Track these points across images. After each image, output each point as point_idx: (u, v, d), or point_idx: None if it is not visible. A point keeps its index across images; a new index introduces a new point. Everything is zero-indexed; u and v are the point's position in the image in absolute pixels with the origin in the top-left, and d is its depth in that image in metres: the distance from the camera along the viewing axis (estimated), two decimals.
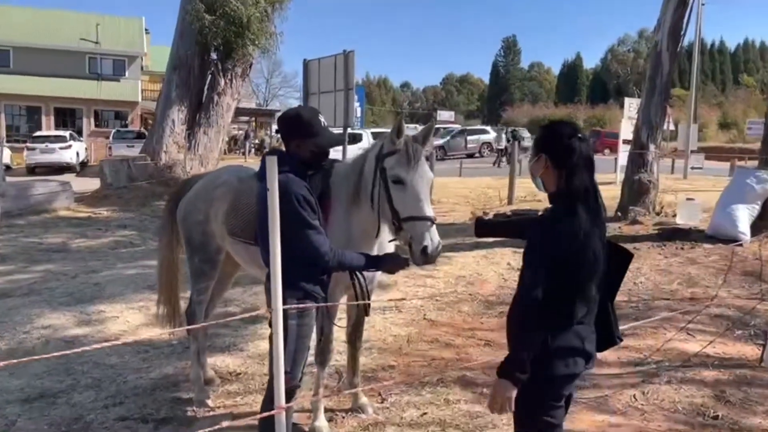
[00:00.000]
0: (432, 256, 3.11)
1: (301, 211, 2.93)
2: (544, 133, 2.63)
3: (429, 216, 3.13)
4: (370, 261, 3.25)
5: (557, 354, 2.45)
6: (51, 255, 9.23)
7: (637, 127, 11.77)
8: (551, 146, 2.54)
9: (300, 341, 3.07)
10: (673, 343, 5.39)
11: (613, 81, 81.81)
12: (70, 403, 4.37)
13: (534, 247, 2.43)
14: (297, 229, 2.95)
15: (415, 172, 3.18)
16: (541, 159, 2.54)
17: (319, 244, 2.99)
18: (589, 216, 2.40)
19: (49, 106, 35.07)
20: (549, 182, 2.55)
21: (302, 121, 3.06)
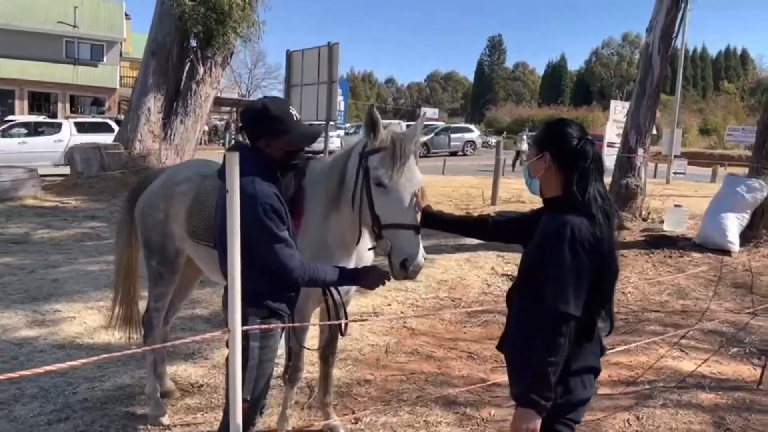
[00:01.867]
0: (413, 272, 2.75)
1: (267, 222, 2.53)
2: (551, 130, 2.38)
3: (413, 224, 2.76)
4: (346, 275, 2.87)
5: (577, 376, 2.25)
6: (10, 247, 8.71)
7: (625, 130, 11.50)
8: (558, 146, 2.31)
9: (262, 366, 2.68)
10: (667, 361, 5.11)
11: (597, 84, 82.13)
12: (10, 417, 3.94)
13: (556, 255, 2.14)
14: (263, 241, 2.55)
15: (401, 175, 2.79)
16: (544, 158, 2.32)
17: (288, 258, 2.60)
18: (608, 224, 2.23)
19: (24, 89, 34.02)
20: (550, 185, 2.33)
21: (270, 115, 2.61)
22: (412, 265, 2.72)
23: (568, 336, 2.13)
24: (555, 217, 2.22)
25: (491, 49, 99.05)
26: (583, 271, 2.13)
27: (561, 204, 2.26)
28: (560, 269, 2.12)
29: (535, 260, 2.23)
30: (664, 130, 25.11)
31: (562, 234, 2.15)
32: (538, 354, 2.15)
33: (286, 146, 2.66)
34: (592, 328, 2.30)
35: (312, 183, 3.33)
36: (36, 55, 33.78)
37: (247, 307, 2.63)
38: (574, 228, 2.15)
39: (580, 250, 2.12)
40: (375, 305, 6.50)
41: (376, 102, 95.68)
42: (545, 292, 2.14)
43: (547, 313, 2.12)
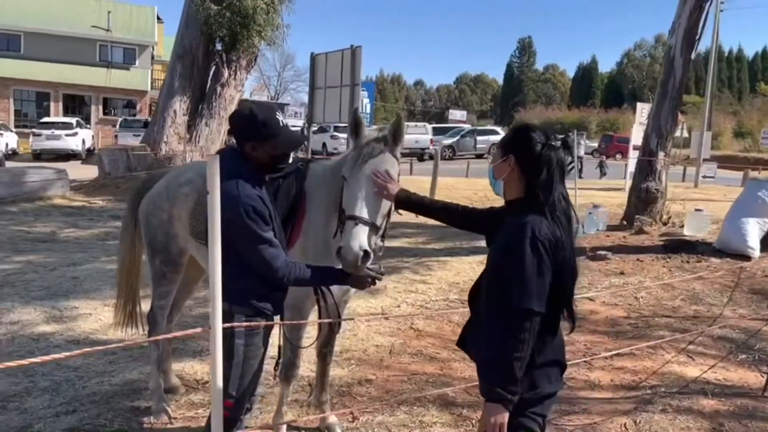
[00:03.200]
0: (346, 260, 2.74)
1: (250, 224, 2.61)
2: (516, 135, 2.45)
3: (355, 215, 2.79)
4: (334, 275, 2.94)
5: (542, 370, 2.32)
6: (36, 245, 8.99)
7: (646, 133, 11.39)
8: (523, 150, 2.36)
9: (247, 363, 2.76)
10: (672, 366, 5.06)
11: (629, 86, 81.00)
12: (20, 409, 4.10)
13: (518, 254, 2.21)
14: (246, 242, 2.65)
15: (359, 170, 2.87)
16: (508, 161, 2.37)
17: (272, 258, 2.68)
18: (568, 226, 2.32)
19: (58, 92, 34.95)
20: (513, 187, 2.39)
21: (256, 120, 2.70)
22: (344, 252, 2.74)
23: (532, 331, 2.20)
24: (517, 218, 2.28)
25: (521, 51, 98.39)
26: (545, 268, 2.20)
27: (523, 205, 2.32)
28: (522, 267, 2.19)
29: (500, 260, 2.29)
30: (693, 133, 24.69)
31: (523, 233, 2.21)
32: (503, 350, 2.21)
33: (271, 150, 2.74)
34: (556, 323, 2.38)
35: (313, 185, 3.41)
36: (71, 58, 34.68)
37: (233, 305, 2.74)
38: (534, 227, 2.22)
39: (541, 249, 2.19)
40: (384, 306, 6.57)
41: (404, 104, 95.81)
42: (509, 289, 2.20)
43: (511, 309, 2.19)
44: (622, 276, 7.91)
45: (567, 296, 2.35)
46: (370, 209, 2.82)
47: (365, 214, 2.79)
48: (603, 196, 16.26)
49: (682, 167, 24.07)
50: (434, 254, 8.93)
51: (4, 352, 5.09)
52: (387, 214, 2.99)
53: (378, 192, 2.82)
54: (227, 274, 2.77)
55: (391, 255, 8.76)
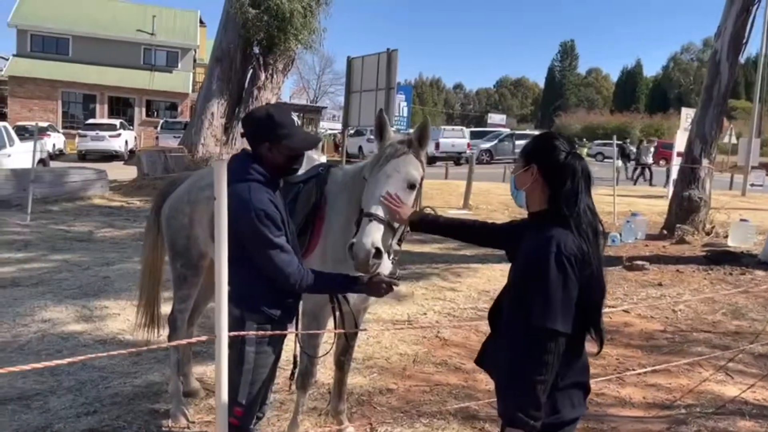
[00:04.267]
0: (356, 257, 2.66)
1: (261, 229, 2.56)
2: (539, 143, 2.34)
3: (371, 212, 2.72)
4: (349, 282, 2.86)
5: (565, 393, 2.19)
6: (73, 244, 9.17)
7: (689, 140, 11.03)
8: (546, 159, 2.25)
9: (257, 371, 2.70)
10: (709, 385, 4.83)
11: (675, 90, 79.18)
12: (43, 408, 4.13)
13: (542, 270, 2.08)
14: (257, 247, 2.59)
15: (379, 169, 2.83)
16: (531, 170, 2.26)
17: (284, 264, 2.62)
18: (595, 241, 2.18)
19: (104, 94, 35.91)
20: (536, 198, 2.29)
21: (273, 121, 2.67)
22: (354, 248, 2.67)
23: (557, 353, 2.08)
24: (541, 232, 2.16)
25: (563, 54, 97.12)
26: (571, 285, 2.08)
27: (547, 218, 2.21)
28: (547, 284, 2.06)
29: (522, 276, 2.17)
30: (741, 140, 23.88)
31: (548, 248, 2.09)
32: (526, 372, 2.09)
33: (287, 151, 2.69)
34: (581, 344, 2.24)
35: (334, 190, 3.36)
36: (116, 61, 35.63)
37: (245, 311, 2.69)
38: (560, 243, 2.09)
39: (567, 265, 2.07)
40: (410, 313, 6.47)
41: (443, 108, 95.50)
42: (533, 308, 2.08)
43: (535, 329, 2.07)
44: (660, 287, 7.64)
45: (594, 314, 2.21)
46: (387, 208, 2.75)
47: (381, 212, 2.72)
48: (643, 203, 15.84)
49: (729, 175, 23.31)
50: (464, 261, 8.79)
51: (34, 350, 5.17)
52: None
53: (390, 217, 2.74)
54: (239, 281, 2.73)
55: (420, 261, 8.66)
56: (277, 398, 4.33)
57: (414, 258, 8.82)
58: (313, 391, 4.45)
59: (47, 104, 34.69)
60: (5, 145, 14.81)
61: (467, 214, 14.25)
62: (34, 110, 33.69)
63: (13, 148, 14.92)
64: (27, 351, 5.15)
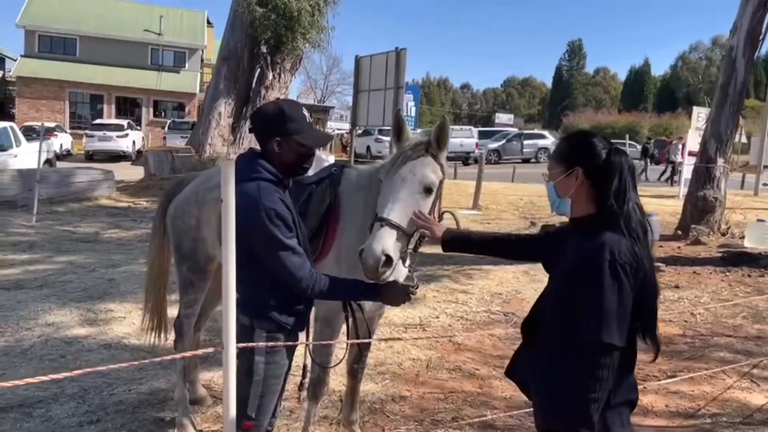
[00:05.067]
0: (365, 263, 2.52)
1: (271, 229, 2.41)
2: (577, 144, 2.18)
3: (383, 217, 2.58)
4: (365, 289, 2.69)
5: (616, 411, 2.03)
6: (79, 245, 9.06)
7: (704, 139, 10.83)
8: (590, 160, 2.09)
9: (267, 383, 2.55)
10: (734, 393, 4.65)
11: (683, 89, 78.57)
12: (45, 417, 4.01)
13: (596, 280, 1.94)
14: (267, 248, 2.44)
15: (395, 172, 2.69)
16: (575, 174, 2.10)
17: (296, 267, 2.47)
18: (645, 240, 2.05)
19: (111, 94, 35.89)
20: (582, 202, 2.12)
21: (284, 115, 2.53)
22: (364, 254, 2.53)
23: (611, 368, 1.94)
24: (590, 238, 2.02)
25: (570, 53, 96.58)
26: (626, 296, 1.93)
27: (594, 222, 2.06)
28: (601, 295, 1.91)
29: (572, 286, 2.01)
30: (753, 139, 23.59)
31: (601, 256, 1.95)
32: (578, 389, 1.94)
33: (298, 147, 2.55)
34: (633, 356, 2.08)
35: (348, 192, 3.21)
36: (123, 62, 35.61)
37: (254, 319, 2.54)
38: (614, 250, 1.95)
39: (622, 274, 1.92)
40: (422, 317, 6.31)
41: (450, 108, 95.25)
42: (586, 321, 1.94)
43: (588, 344, 1.93)
44: (677, 290, 7.45)
45: (649, 320, 2.06)
46: (400, 212, 2.60)
47: (394, 216, 2.57)
48: (654, 203, 15.61)
49: (741, 174, 23.03)
50: (476, 262, 8.62)
51: (37, 354, 5.05)
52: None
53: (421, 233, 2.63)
54: (248, 286, 2.59)
55: (431, 262, 8.49)
56: (287, 406, 4.19)
57: (424, 259, 8.64)
58: (324, 399, 4.30)
59: (55, 104, 34.71)
60: (12, 145, 14.75)
61: (477, 215, 14.08)
62: (41, 111, 33.69)
63: (20, 149, 14.86)
64: (30, 356, 5.03)
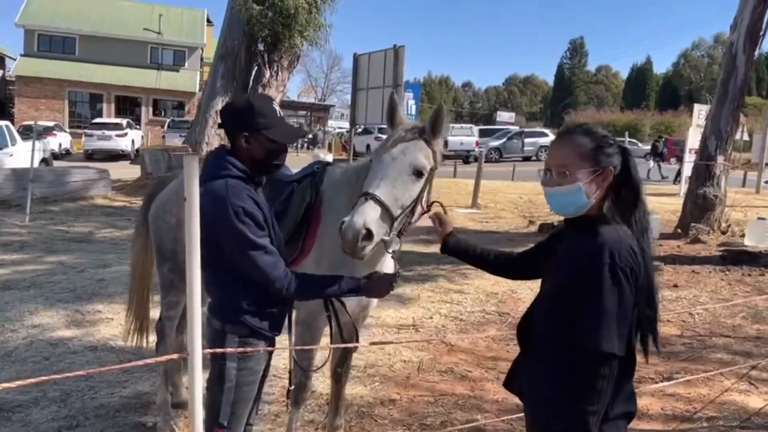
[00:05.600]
0: (344, 236, 2.38)
1: (240, 227, 2.30)
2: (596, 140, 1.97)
3: (368, 191, 2.46)
4: (344, 284, 2.57)
5: (613, 425, 1.89)
6: (71, 245, 8.97)
7: (704, 136, 10.70)
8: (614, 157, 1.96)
9: (240, 390, 2.44)
10: (731, 395, 4.54)
11: (685, 87, 78.40)
12: (24, 421, 3.91)
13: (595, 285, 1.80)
14: (236, 248, 2.34)
15: (386, 151, 2.59)
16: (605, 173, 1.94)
17: (268, 267, 2.36)
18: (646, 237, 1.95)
19: (111, 93, 35.80)
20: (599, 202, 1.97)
21: (253, 110, 2.42)
22: (344, 226, 2.39)
23: (611, 379, 1.80)
24: (588, 239, 1.89)
25: (572, 52, 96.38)
26: (627, 301, 1.80)
27: (598, 221, 1.93)
28: (600, 301, 1.78)
29: (569, 289, 1.88)
30: (755, 136, 23.45)
31: (600, 259, 1.81)
32: (576, 401, 1.81)
33: (267, 143, 2.43)
34: (633, 363, 1.94)
35: (331, 190, 3.11)
36: (123, 61, 35.55)
37: (225, 324, 2.45)
38: (614, 251, 1.82)
39: (622, 277, 1.79)
40: (416, 317, 6.21)
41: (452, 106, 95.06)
42: (583, 329, 1.81)
43: (587, 353, 1.80)
44: (676, 289, 7.34)
45: (651, 324, 1.93)
46: (387, 190, 2.48)
47: (380, 193, 2.46)
48: (654, 201, 15.48)
49: (742, 172, 22.88)
50: None
51: (21, 357, 4.96)
52: (409, 208, 2.60)
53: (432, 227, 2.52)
54: (219, 289, 2.50)
55: (426, 262, 8.39)
56: (272, 410, 4.10)
57: (420, 259, 8.55)
58: (311, 402, 4.21)
59: (54, 104, 34.63)
60: (7, 144, 14.67)
61: (476, 213, 13.97)
62: (41, 110, 33.64)
63: (15, 148, 14.78)
64: (14, 358, 4.93)
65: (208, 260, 2.49)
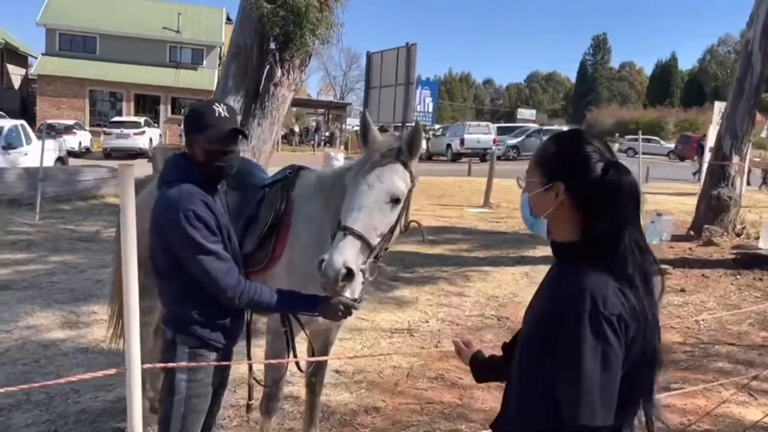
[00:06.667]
0: (325, 275, 2.31)
1: (189, 231, 2.25)
2: (565, 150, 1.63)
3: (345, 225, 2.39)
4: (301, 301, 2.51)
5: None
6: (77, 245, 9.01)
7: (719, 135, 10.45)
8: (577, 174, 1.57)
9: (190, 402, 2.39)
10: (729, 407, 4.38)
11: (711, 84, 76.99)
12: (5, 425, 3.90)
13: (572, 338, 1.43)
14: (186, 252, 2.30)
15: (362, 178, 2.49)
16: (554, 190, 1.59)
17: (220, 273, 2.30)
18: (648, 288, 1.54)
19: (130, 92, 36.13)
20: (561, 227, 1.61)
21: (194, 114, 2.42)
22: (324, 266, 2.32)
23: None
24: (569, 277, 1.53)
25: (595, 48, 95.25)
26: (614, 360, 1.44)
27: (578, 254, 1.56)
28: (580, 362, 1.41)
29: (543, 343, 1.50)
30: None
31: (580, 306, 1.44)
32: None
33: (204, 144, 2.37)
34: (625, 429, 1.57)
35: (304, 195, 3.04)
36: (142, 59, 35.83)
37: (176, 334, 2.40)
38: (596, 296, 1.44)
39: (608, 330, 1.43)
40: (412, 321, 6.12)
41: (472, 103, 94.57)
42: (559, 395, 1.44)
43: (566, 424, 1.43)
44: (683, 294, 7.14)
45: (644, 388, 1.54)
46: (366, 223, 2.41)
47: (358, 226, 2.39)
48: (674, 201, 15.20)
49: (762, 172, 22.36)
50: (476, 263, 8.39)
51: (11, 359, 4.97)
52: (388, 234, 2.54)
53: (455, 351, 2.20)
54: (169, 298, 2.46)
55: (429, 263, 8.29)
56: (254, 417, 4.03)
57: (423, 260, 8.46)
58: (293, 410, 4.15)
59: (75, 102, 35.07)
60: (22, 143, 14.84)
61: (487, 213, 13.82)
62: (62, 108, 34.08)
63: (30, 147, 14.94)
64: (4, 360, 4.94)
65: (160, 269, 2.46)
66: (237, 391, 4.24)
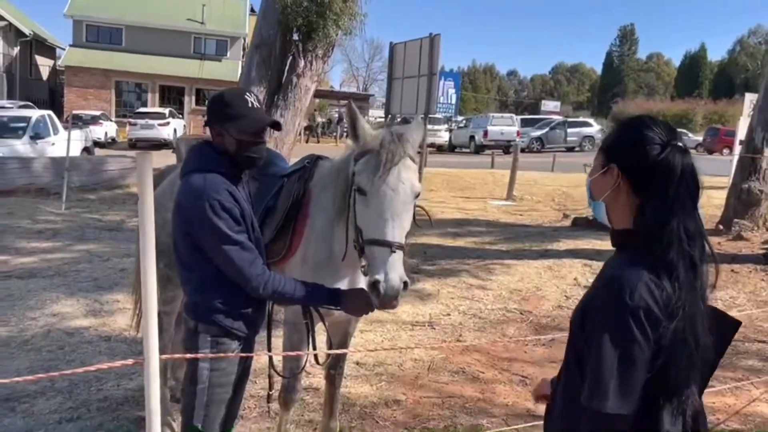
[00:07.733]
0: (386, 296, 2.28)
1: (215, 221, 2.24)
2: (623, 133, 1.65)
3: (390, 241, 2.32)
4: (323, 295, 2.49)
5: None
6: (102, 233, 9.12)
7: (750, 127, 10.19)
8: (632, 156, 1.58)
9: (213, 391, 2.38)
10: (759, 406, 4.28)
11: (741, 75, 75.39)
12: (28, 412, 3.95)
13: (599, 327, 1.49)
14: (211, 242, 2.28)
15: (383, 182, 2.37)
16: (611, 172, 1.61)
17: (244, 263, 2.29)
18: (695, 278, 1.52)
19: (155, 83, 36.47)
20: (618, 212, 1.63)
21: (222, 102, 2.38)
22: (386, 288, 2.28)
23: None
24: (608, 266, 1.62)
25: (622, 39, 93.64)
26: (637, 351, 1.44)
27: (626, 241, 1.60)
28: (600, 348, 1.46)
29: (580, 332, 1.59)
30: None
31: (610, 296, 1.48)
32: None
33: (236, 134, 2.35)
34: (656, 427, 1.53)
35: (320, 186, 3.00)
36: (166, 51, 36.15)
37: (199, 323, 2.39)
38: (623, 289, 1.46)
39: (632, 323, 1.44)
40: (433, 314, 6.07)
41: (496, 95, 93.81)
42: (585, 379, 1.51)
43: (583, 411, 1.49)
44: (711, 290, 6.97)
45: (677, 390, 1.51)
46: (402, 230, 2.37)
47: (398, 237, 2.34)
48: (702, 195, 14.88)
49: None
50: (499, 256, 8.30)
51: (37, 346, 5.03)
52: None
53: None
54: (193, 287, 2.45)
55: (451, 256, 8.23)
56: (274, 408, 4.03)
57: (445, 253, 8.39)
58: (313, 402, 4.14)
59: (102, 93, 35.48)
60: (49, 133, 15.04)
61: (510, 206, 13.69)
62: (89, 99, 34.50)
63: (57, 137, 15.14)
64: (30, 347, 5.01)
65: (183, 258, 2.45)
66: (257, 381, 4.23)
